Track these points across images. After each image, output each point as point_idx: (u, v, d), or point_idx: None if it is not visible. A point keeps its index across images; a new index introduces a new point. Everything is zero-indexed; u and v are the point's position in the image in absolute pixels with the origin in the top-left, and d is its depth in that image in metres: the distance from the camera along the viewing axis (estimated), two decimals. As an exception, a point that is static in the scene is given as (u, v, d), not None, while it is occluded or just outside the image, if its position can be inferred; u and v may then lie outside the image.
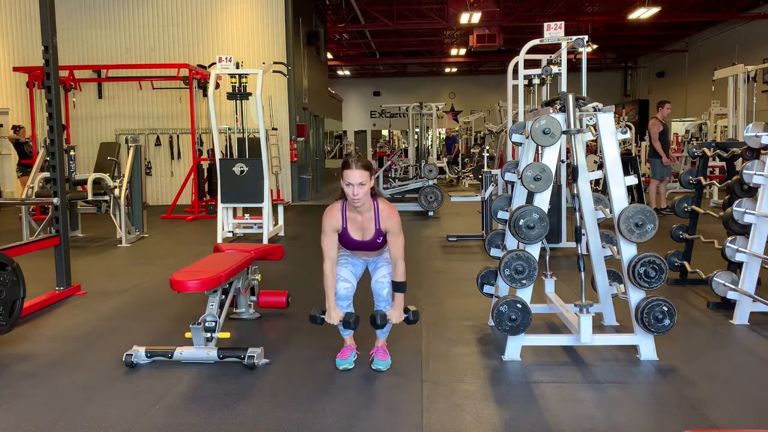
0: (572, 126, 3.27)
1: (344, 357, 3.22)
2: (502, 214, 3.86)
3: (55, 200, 4.74)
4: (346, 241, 3.15)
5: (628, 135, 3.44)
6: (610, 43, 22.29)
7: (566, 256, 6.18)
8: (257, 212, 7.53)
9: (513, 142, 4.06)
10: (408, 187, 10.91)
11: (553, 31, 6.54)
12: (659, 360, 3.27)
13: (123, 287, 5.15)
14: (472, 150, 19.49)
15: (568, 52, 6.42)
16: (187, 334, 3.34)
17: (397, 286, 3.10)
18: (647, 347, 3.30)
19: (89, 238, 7.88)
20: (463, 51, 21.01)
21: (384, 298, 3.15)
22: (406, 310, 3.14)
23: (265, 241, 7.11)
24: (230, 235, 7.46)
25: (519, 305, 3.17)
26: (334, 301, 3.10)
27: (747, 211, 4.00)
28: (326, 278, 3.10)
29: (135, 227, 7.67)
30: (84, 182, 7.59)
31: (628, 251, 3.29)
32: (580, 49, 6.25)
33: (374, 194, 3.09)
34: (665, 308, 3.18)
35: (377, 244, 3.10)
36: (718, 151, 4.78)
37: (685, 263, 4.90)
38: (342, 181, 2.99)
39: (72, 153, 8.01)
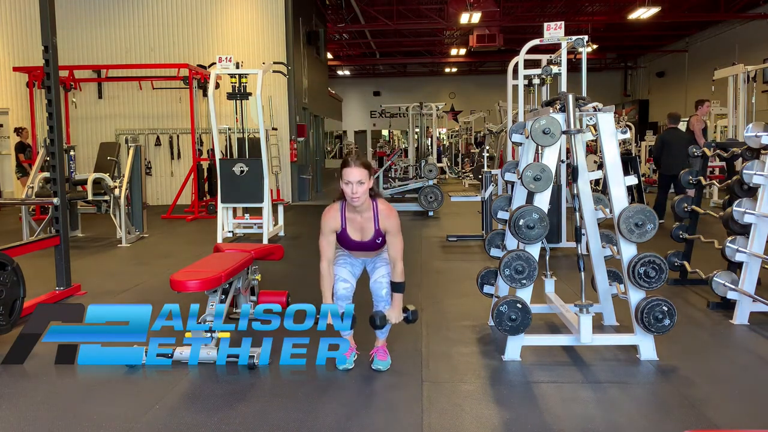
0: (572, 126, 3.27)
1: (344, 357, 3.22)
2: (502, 214, 3.86)
3: (55, 200, 4.74)
4: (344, 242, 3.15)
5: (628, 135, 3.44)
6: (610, 43, 22.29)
7: (566, 256, 6.18)
8: (257, 212, 7.52)
9: (513, 142, 4.06)
10: (408, 187, 10.91)
11: (553, 31, 6.53)
12: (659, 360, 3.27)
13: (123, 287, 5.15)
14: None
15: (568, 52, 6.42)
16: (187, 334, 3.34)
17: (395, 287, 3.10)
18: (647, 347, 3.30)
19: (89, 238, 7.88)
20: (463, 51, 21.00)
21: (383, 298, 3.16)
22: (405, 310, 3.13)
23: (265, 241, 7.11)
24: (230, 235, 7.46)
25: (519, 305, 3.17)
26: (331, 300, 3.11)
27: (747, 211, 4.00)
28: (323, 278, 3.11)
29: (135, 227, 7.67)
30: (84, 182, 7.59)
31: (628, 251, 3.29)
32: (580, 49, 6.25)
33: (373, 195, 3.09)
34: (665, 308, 3.18)
35: (376, 244, 3.11)
36: (718, 151, 4.78)
37: (685, 263, 4.90)
38: (341, 181, 2.99)
39: (72, 153, 8.01)
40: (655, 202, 8.05)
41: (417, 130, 14.50)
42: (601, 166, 3.98)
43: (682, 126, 8.89)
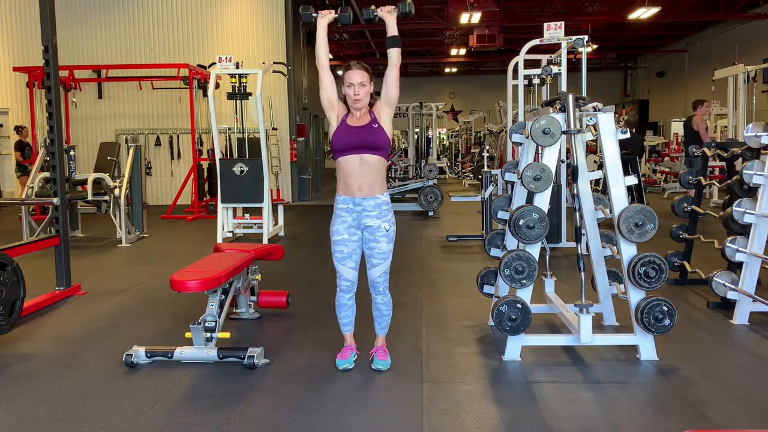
0: (572, 126, 3.27)
1: (344, 357, 3.22)
2: (502, 214, 3.86)
3: (55, 200, 4.74)
4: (341, 134, 3.09)
5: (627, 135, 3.44)
6: (610, 43, 22.26)
7: (566, 256, 6.18)
8: (257, 212, 7.53)
9: (513, 142, 4.06)
10: (408, 187, 10.91)
11: (553, 31, 6.54)
12: (659, 360, 3.27)
13: (123, 287, 5.15)
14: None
15: (568, 52, 6.42)
16: (187, 334, 3.34)
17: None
18: (647, 347, 3.30)
19: (89, 238, 7.88)
20: (463, 51, 20.99)
21: (380, 292, 3.19)
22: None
23: (265, 241, 7.11)
24: (230, 235, 7.46)
25: (519, 305, 3.17)
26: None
27: (747, 211, 4.00)
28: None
29: (135, 227, 7.67)
30: (84, 182, 7.59)
31: (628, 251, 3.29)
32: (580, 49, 6.25)
33: (372, 104, 3.15)
34: (665, 308, 3.18)
35: (372, 129, 3.08)
36: (718, 151, 4.78)
37: (685, 263, 4.90)
38: (344, 86, 3.08)
39: (72, 153, 8.01)
40: None
41: (417, 130, 14.50)
42: (601, 166, 3.98)
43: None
